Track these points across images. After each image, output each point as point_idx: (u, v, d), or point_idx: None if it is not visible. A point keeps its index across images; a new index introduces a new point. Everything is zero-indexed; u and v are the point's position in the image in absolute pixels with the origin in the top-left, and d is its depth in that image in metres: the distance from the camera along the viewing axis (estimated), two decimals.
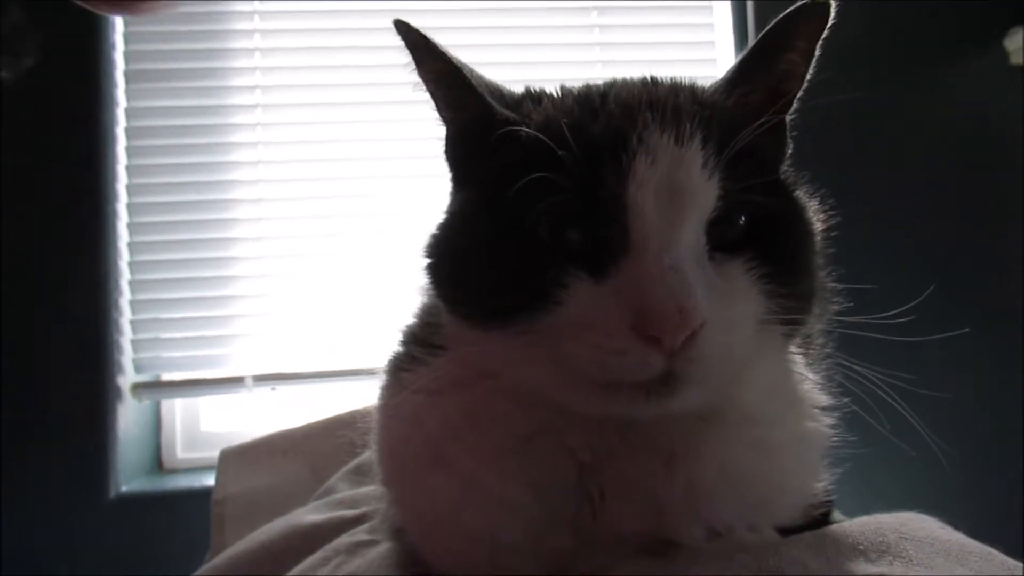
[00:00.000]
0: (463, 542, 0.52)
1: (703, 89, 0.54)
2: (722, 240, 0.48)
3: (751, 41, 1.90)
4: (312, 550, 0.72)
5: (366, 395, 1.28)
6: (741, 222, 0.49)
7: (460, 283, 0.52)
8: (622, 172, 0.46)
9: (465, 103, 0.54)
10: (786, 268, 0.49)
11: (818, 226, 0.56)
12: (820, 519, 0.54)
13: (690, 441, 0.50)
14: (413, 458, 0.54)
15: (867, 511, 0.52)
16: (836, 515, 0.58)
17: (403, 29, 0.54)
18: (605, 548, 0.50)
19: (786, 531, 0.51)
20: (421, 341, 0.57)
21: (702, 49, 2.05)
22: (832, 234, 0.57)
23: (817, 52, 0.54)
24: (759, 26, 1.93)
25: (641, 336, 0.43)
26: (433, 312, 0.58)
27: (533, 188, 0.46)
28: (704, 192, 0.47)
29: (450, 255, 0.54)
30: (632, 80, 0.55)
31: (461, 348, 0.53)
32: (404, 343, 0.60)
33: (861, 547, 0.45)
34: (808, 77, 0.55)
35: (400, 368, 0.58)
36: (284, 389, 1.94)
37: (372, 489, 0.87)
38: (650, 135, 0.47)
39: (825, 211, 0.57)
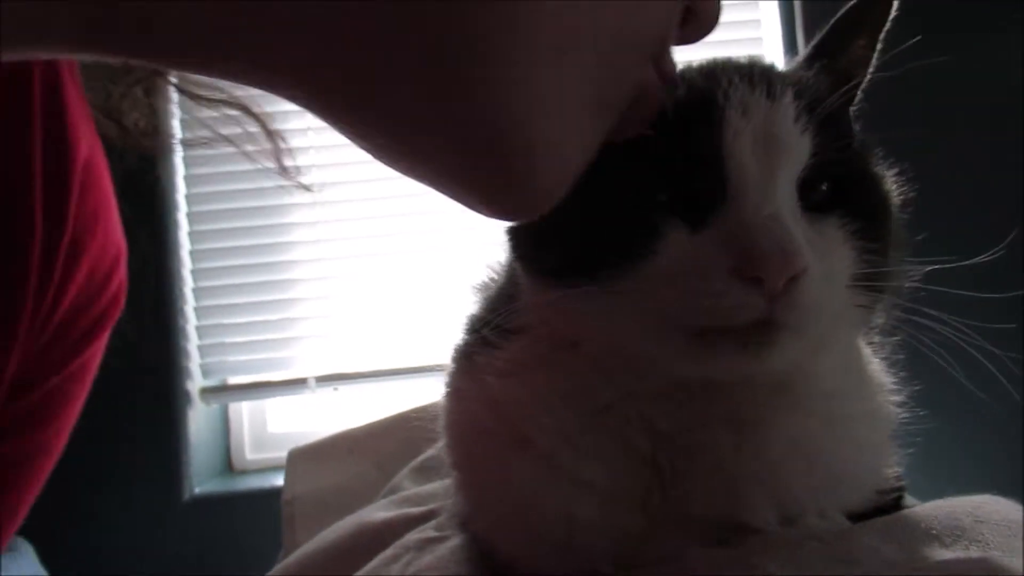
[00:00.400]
0: (539, 521, 0.51)
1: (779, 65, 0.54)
2: (810, 200, 0.48)
3: (799, 38, 1.87)
4: (381, 547, 0.73)
5: (427, 392, 1.30)
6: (825, 187, 0.48)
7: (550, 239, 0.50)
8: (714, 124, 0.46)
9: None
10: (874, 229, 0.49)
11: (896, 199, 0.55)
12: (892, 504, 0.53)
13: (761, 412, 0.49)
14: (488, 439, 0.53)
15: (939, 495, 0.51)
16: (908, 500, 0.57)
17: None
18: (673, 531, 0.49)
19: (857, 516, 0.51)
20: (493, 326, 0.56)
21: (749, 47, 2.01)
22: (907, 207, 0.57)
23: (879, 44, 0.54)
24: (807, 23, 1.89)
25: (742, 278, 0.43)
26: (504, 298, 0.57)
27: (626, 147, 0.45)
28: (798, 146, 0.47)
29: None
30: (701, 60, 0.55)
31: (541, 320, 0.52)
32: (472, 331, 0.60)
33: (935, 531, 0.44)
34: (872, 66, 0.55)
35: (471, 353, 0.57)
36: (347, 389, 1.98)
37: (437, 486, 0.88)
38: (738, 91, 0.47)
39: (900, 183, 0.57)
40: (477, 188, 0.39)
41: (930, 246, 0.54)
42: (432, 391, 0.80)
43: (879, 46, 0.54)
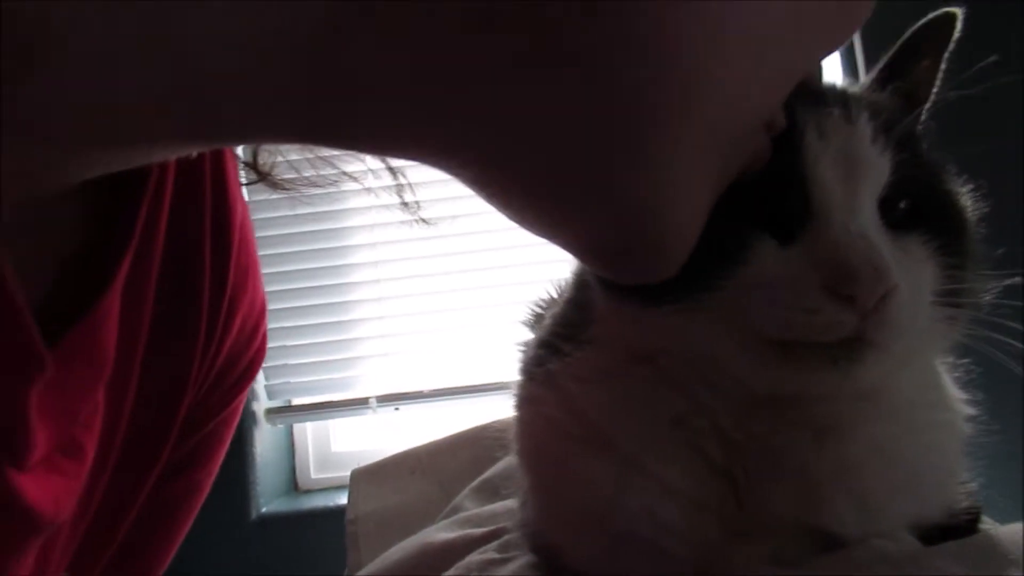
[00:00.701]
0: (620, 521, 0.51)
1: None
2: (891, 219, 0.47)
3: (859, 63, 1.84)
4: (443, 568, 0.73)
5: (486, 411, 1.31)
6: (904, 205, 0.48)
7: None
8: (794, 146, 0.46)
9: None
10: (954, 245, 0.49)
11: (972, 214, 0.55)
12: (966, 525, 0.52)
13: (841, 418, 0.49)
14: (567, 442, 0.53)
15: (1015, 517, 0.49)
16: (984, 522, 0.55)
17: None
18: (750, 539, 0.49)
19: (929, 534, 0.49)
20: (566, 337, 0.56)
21: None
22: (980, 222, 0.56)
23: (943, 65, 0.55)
24: (866, 41, 1.85)
25: (834, 295, 0.43)
26: (575, 311, 0.58)
27: None
28: (878, 165, 0.47)
29: None
30: None
31: (616, 334, 0.53)
32: (542, 344, 0.60)
33: (1012, 556, 0.43)
34: (936, 88, 0.55)
35: (543, 362, 0.57)
36: (407, 408, 1.99)
37: (499, 506, 0.88)
38: (812, 112, 0.48)
39: (975, 198, 0.56)
40: (605, 259, 0.43)
41: (1006, 260, 0.53)
42: (492, 410, 0.80)
43: (943, 66, 0.54)
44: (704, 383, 0.49)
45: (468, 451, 1.15)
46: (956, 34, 0.54)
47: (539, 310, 0.64)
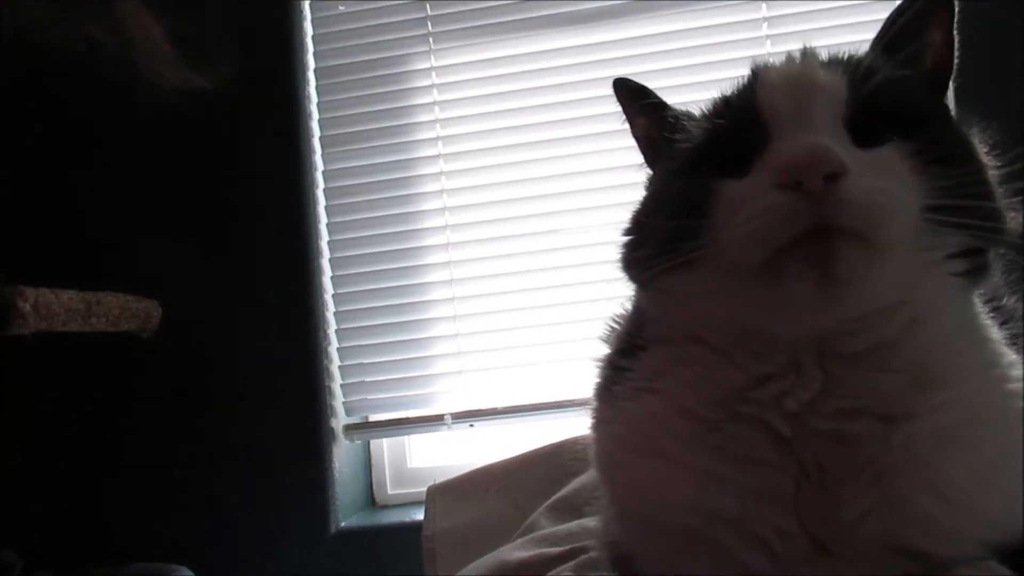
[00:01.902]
0: (672, 517, 0.53)
1: None
2: (864, 138, 0.50)
3: None
4: None
5: (561, 429, 1.31)
6: (879, 126, 0.50)
7: (641, 238, 0.58)
8: (753, 86, 0.54)
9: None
10: (948, 166, 0.49)
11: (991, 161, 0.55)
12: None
13: (902, 401, 0.49)
14: (628, 452, 0.57)
15: None
16: None
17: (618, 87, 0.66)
18: (826, 534, 0.49)
19: (1008, 558, 0.47)
20: (625, 352, 0.61)
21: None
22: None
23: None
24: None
25: (786, 188, 0.46)
26: (632, 325, 0.62)
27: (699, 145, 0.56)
28: (832, 86, 0.51)
29: (635, 225, 0.60)
30: None
31: (661, 322, 0.58)
32: (609, 365, 0.63)
33: None
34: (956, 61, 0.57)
35: (610, 385, 0.61)
36: (482, 425, 2.01)
37: (574, 525, 0.88)
38: (775, 60, 0.56)
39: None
40: None
41: None
42: (566, 427, 0.81)
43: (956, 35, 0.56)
44: (747, 350, 0.52)
45: (543, 469, 1.16)
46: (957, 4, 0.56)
47: (615, 326, 0.66)
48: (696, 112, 0.59)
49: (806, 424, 0.50)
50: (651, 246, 0.55)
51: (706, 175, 0.52)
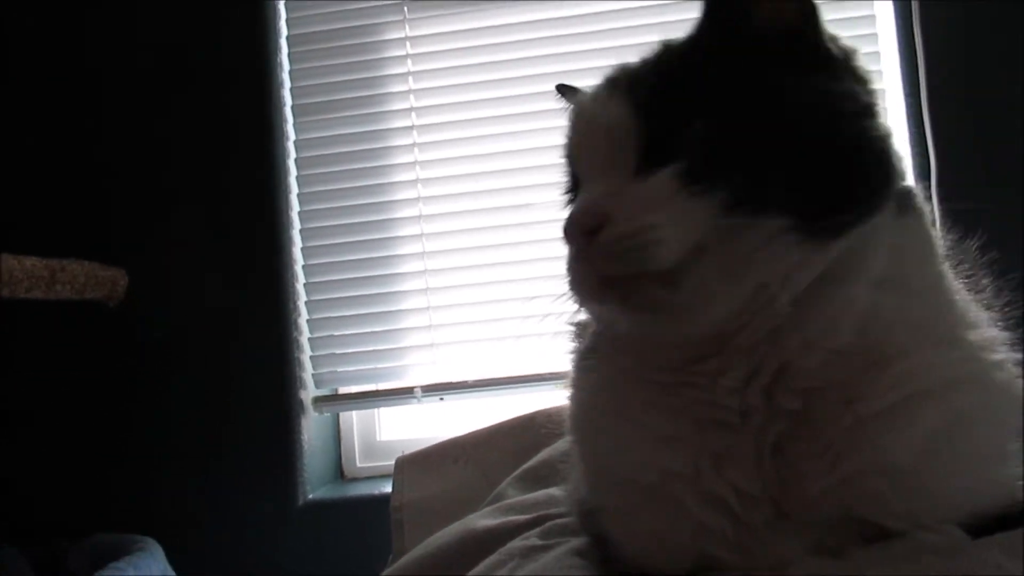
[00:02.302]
0: (634, 474, 0.55)
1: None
2: (654, 160, 0.52)
3: (917, 37, 1.77)
4: (486, 555, 0.74)
5: (530, 402, 1.31)
6: (668, 142, 0.52)
7: None
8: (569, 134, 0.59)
9: None
10: (748, 144, 0.50)
11: (860, 101, 0.54)
12: (1017, 516, 0.50)
13: (854, 379, 0.50)
14: (593, 414, 0.61)
15: None
16: None
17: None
18: (790, 528, 0.50)
19: (980, 529, 0.48)
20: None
21: (863, 44, 1.93)
22: None
23: None
24: (924, 20, 1.81)
25: (569, 247, 0.52)
26: None
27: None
28: (618, 120, 0.54)
29: None
30: None
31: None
32: (582, 336, 0.68)
33: None
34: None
35: (585, 354, 0.65)
36: (452, 399, 2.01)
37: (541, 494, 0.88)
38: (583, 98, 0.58)
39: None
40: None
41: None
42: (535, 400, 0.82)
43: None
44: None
45: (512, 440, 1.16)
46: None
47: None
48: None
49: (768, 399, 0.51)
50: None
51: None
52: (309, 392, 2.01)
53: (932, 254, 0.57)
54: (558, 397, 0.71)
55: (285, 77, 2.04)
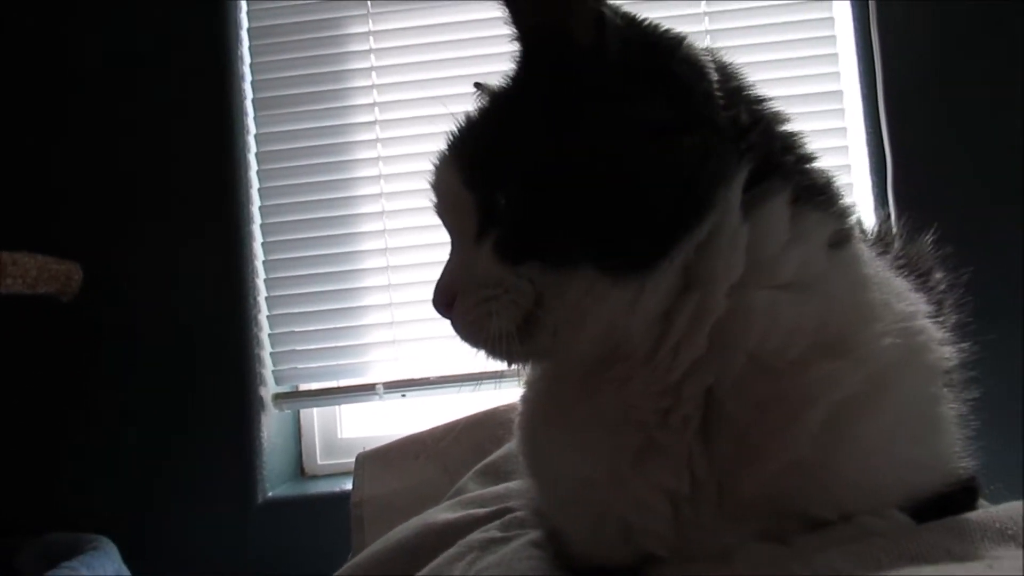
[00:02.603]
0: (560, 476, 0.57)
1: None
2: (491, 224, 0.55)
3: (875, 39, 1.80)
4: (446, 547, 0.74)
5: (491, 399, 1.31)
6: (501, 206, 0.54)
7: None
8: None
9: None
10: (545, 216, 0.52)
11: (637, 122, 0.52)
12: (962, 502, 0.51)
13: (759, 384, 0.50)
14: (529, 419, 0.63)
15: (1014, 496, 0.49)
16: (982, 503, 0.54)
17: None
18: (737, 519, 0.50)
19: (920, 513, 0.49)
20: None
21: (821, 45, 1.96)
22: None
23: None
24: (881, 21, 1.84)
25: None
26: None
27: None
28: (460, 200, 0.57)
29: None
30: None
31: None
32: None
33: (1010, 532, 0.42)
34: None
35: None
36: (414, 395, 2.00)
37: (501, 488, 0.89)
38: (435, 160, 0.62)
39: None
40: None
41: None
42: (497, 397, 0.83)
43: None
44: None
45: (472, 436, 1.16)
46: None
47: None
48: None
49: (678, 400, 0.52)
50: None
51: None
52: (269, 389, 1.99)
53: (847, 250, 0.54)
54: (519, 393, 0.72)
55: (246, 70, 2.01)
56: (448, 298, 0.56)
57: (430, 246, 1.97)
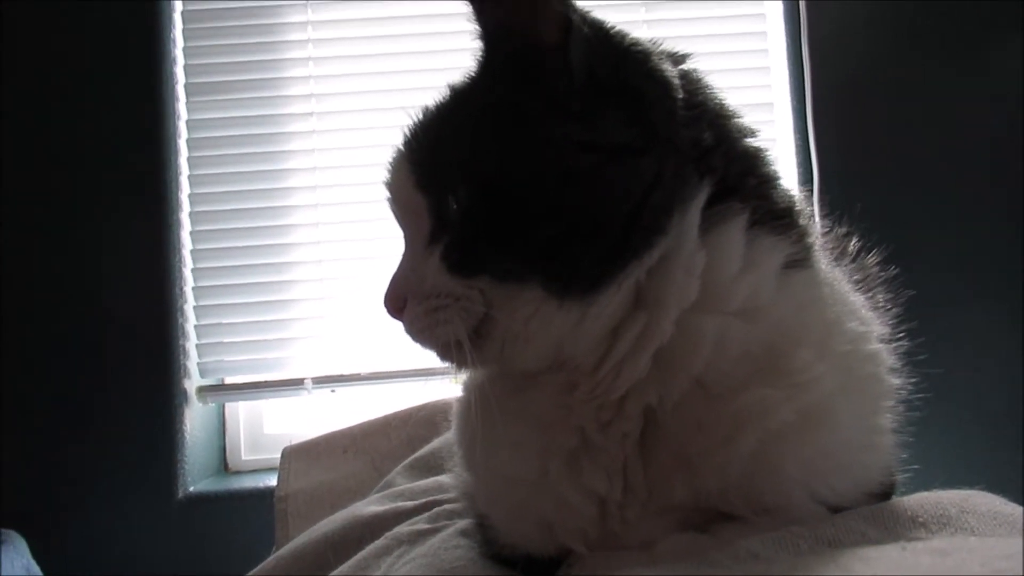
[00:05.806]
0: (491, 470, 0.58)
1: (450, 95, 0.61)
2: (443, 229, 0.55)
3: (804, 36, 1.85)
4: (372, 539, 0.73)
5: (422, 394, 1.30)
6: (453, 211, 0.54)
7: None
8: None
9: None
10: (494, 228, 0.52)
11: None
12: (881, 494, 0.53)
13: (698, 405, 0.51)
14: (465, 412, 0.62)
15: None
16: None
17: None
18: (658, 512, 0.51)
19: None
20: None
21: (753, 40, 2.02)
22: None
23: None
24: (812, 20, 1.90)
25: None
26: None
27: None
28: (413, 202, 0.56)
29: None
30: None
31: None
32: None
33: (921, 519, 0.45)
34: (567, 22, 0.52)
35: None
36: (343, 391, 1.98)
37: (430, 482, 0.88)
38: (390, 158, 0.61)
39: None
40: None
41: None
42: (428, 393, 0.82)
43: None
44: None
45: (403, 431, 1.15)
46: None
47: None
48: None
49: (620, 411, 0.53)
50: None
51: None
52: (193, 381, 1.94)
53: (801, 274, 0.54)
54: (451, 389, 0.72)
55: (179, 54, 1.96)
56: (399, 303, 0.56)
57: (364, 240, 1.95)
